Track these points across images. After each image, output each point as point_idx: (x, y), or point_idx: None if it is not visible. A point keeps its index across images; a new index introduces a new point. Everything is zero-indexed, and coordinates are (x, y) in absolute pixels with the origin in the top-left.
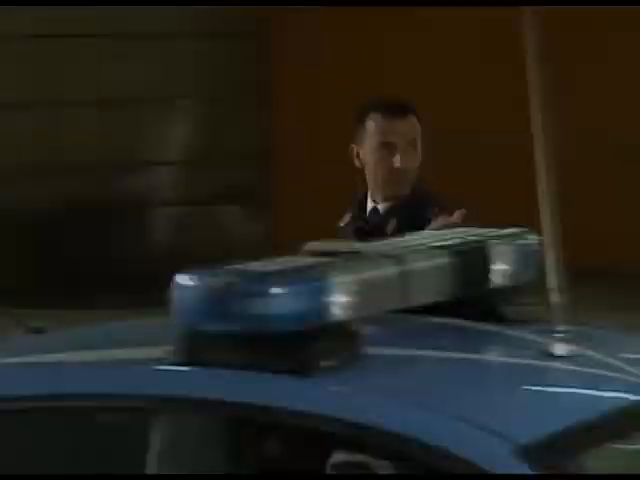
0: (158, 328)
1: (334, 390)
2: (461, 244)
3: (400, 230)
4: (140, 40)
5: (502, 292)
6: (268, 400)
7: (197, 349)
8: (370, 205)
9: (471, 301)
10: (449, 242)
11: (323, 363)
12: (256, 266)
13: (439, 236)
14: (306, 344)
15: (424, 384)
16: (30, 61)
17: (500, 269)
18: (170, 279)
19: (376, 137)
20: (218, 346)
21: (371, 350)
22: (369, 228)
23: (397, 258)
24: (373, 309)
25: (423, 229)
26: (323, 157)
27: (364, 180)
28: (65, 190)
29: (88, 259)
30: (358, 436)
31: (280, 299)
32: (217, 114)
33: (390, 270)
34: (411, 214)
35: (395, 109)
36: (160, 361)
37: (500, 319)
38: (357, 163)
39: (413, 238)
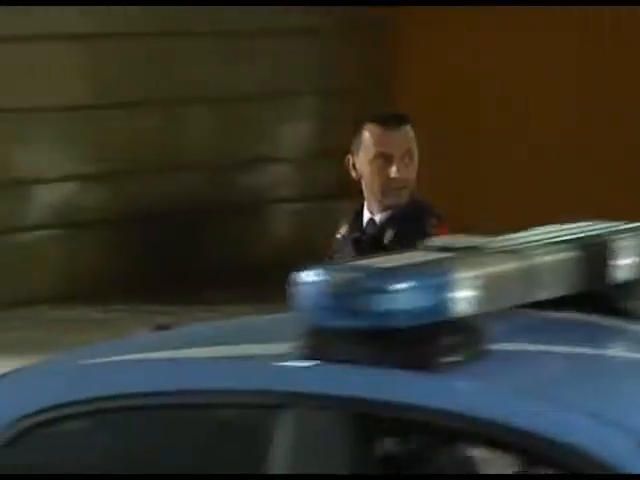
0: (283, 324)
1: (460, 386)
2: (584, 238)
3: (397, 241)
4: (257, 37)
5: (627, 286)
6: (394, 396)
7: (322, 345)
8: (367, 216)
9: (596, 295)
10: (571, 236)
11: (449, 359)
12: (379, 262)
13: (559, 231)
14: (431, 339)
15: (551, 380)
16: (146, 60)
17: (625, 263)
18: (290, 275)
19: (372, 148)
20: (343, 342)
21: (496, 345)
22: (366, 239)
23: (519, 253)
24: (497, 304)
25: (421, 240)
26: None
27: (360, 191)
28: (183, 188)
29: (207, 256)
30: (484, 433)
31: (405, 294)
32: (333, 110)
33: (513, 265)
34: (409, 224)
35: (390, 120)
36: (287, 357)
37: (626, 313)
38: (353, 174)
39: (532, 233)
